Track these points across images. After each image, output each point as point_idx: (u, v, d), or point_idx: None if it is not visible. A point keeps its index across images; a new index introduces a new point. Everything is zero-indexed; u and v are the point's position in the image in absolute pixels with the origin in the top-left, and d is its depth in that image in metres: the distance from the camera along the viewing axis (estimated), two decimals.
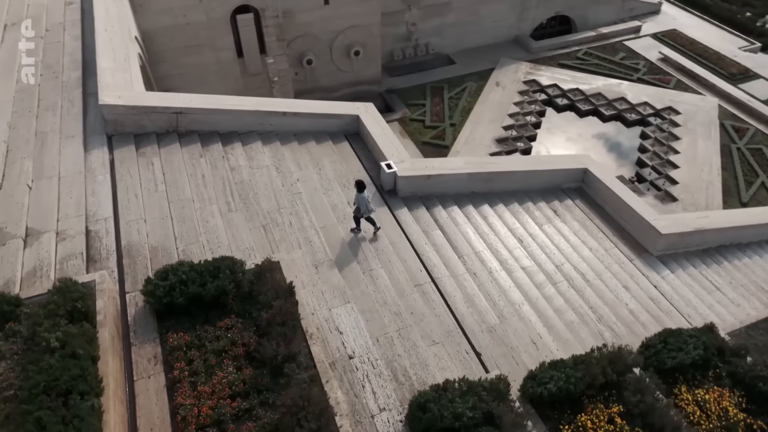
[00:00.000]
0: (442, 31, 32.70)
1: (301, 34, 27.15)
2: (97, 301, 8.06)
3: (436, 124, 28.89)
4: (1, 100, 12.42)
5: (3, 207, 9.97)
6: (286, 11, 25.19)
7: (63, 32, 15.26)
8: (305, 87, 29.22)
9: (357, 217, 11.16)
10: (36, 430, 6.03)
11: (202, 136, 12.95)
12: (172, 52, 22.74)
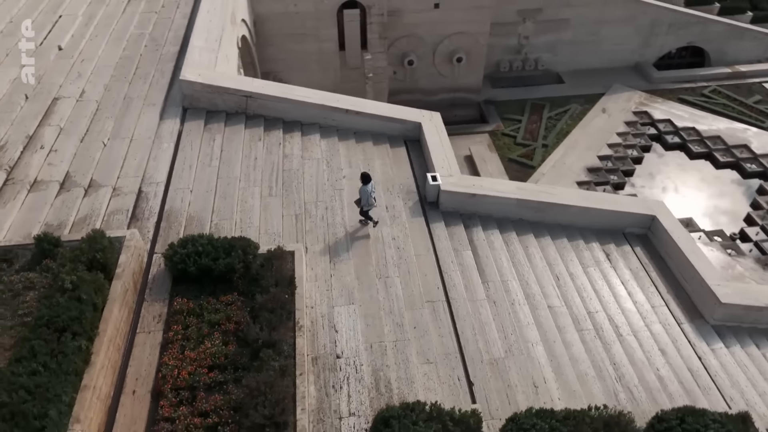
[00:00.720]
0: (555, 48, 31.50)
1: (407, 34, 27.51)
2: (121, 255, 8.98)
3: (528, 142, 28.04)
4: (106, 64, 14.04)
5: (78, 158, 11.36)
6: (393, 11, 25.66)
7: (176, 10, 16.83)
8: (403, 87, 29.62)
9: (363, 210, 11.29)
10: (29, 355, 6.92)
11: (267, 121, 13.74)
12: (280, 37, 24.11)
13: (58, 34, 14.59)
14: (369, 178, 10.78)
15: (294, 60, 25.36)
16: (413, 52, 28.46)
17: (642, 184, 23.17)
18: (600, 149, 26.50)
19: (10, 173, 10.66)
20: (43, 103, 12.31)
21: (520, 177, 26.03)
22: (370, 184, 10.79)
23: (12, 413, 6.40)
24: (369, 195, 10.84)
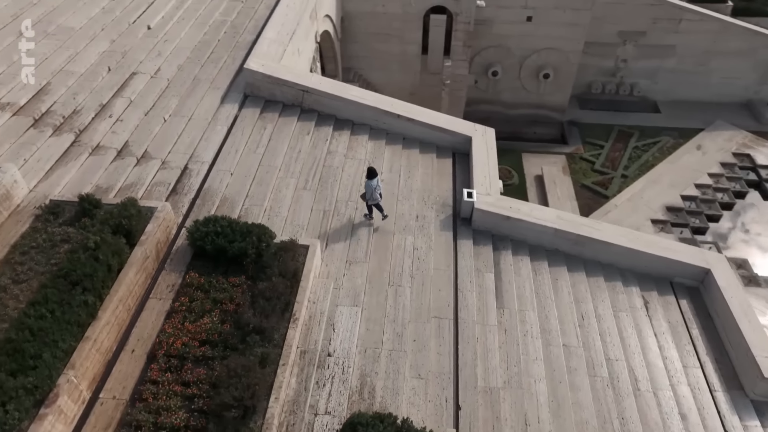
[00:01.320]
0: (655, 75, 29.71)
1: (494, 44, 27.09)
2: (149, 225, 9.73)
3: (606, 170, 26.74)
4: (185, 46, 15.13)
5: (139, 130, 12.38)
6: (482, 20, 25.38)
7: (261, 1, 17.73)
8: (484, 97, 29.21)
9: (367, 204, 11.45)
10: (42, 301, 7.74)
11: (320, 117, 14.18)
12: (365, 35, 24.63)
13: (151, 14, 15.92)
14: (375, 172, 11.01)
15: (376, 59, 25.80)
16: (499, 63, 27.95)
17: (726, 233, 21.32)
18: (685, 188, 24.76)
19: (78, 136, 11.84)
20: (121, 76, 13.53)
21: (589, 205, 24.91)
22: (375, 179, 11.01)
23: (14, 350, 7.21)
24: (373, 189, 11.03)
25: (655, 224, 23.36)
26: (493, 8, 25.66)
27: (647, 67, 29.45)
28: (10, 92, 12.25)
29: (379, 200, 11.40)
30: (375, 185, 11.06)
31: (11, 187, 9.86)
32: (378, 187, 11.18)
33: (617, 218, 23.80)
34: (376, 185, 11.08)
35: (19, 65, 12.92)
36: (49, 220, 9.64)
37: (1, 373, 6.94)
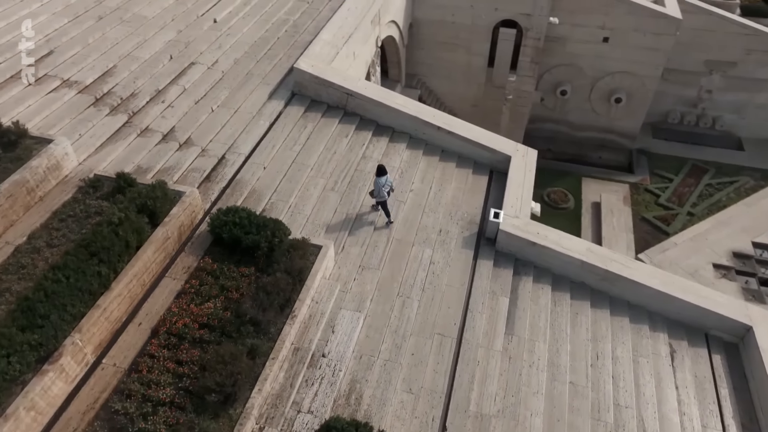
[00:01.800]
0: (743, 110, 27.86)
1: (566, 63, 26.30)
2: (175, 208, 10.30)
3: (672, 205, 25.33)
4: (245, 41, 15.82)
5: (186, 118, 13.10)
6: (555, 37, 24.73)
7: (327, 3, 18.21)
8: (550, 116, 28.43)
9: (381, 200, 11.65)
10: (61, 266, 8.42)
11: (361, 121, 14.39)
12: (431, 43, 24.66)
13: (219, 9, 16.77)
14: (384, 170, 11.24)
15: (440, 67, 25.75)
16: (569, 82, 27.09)
17: None
18: (759, 235, 23.04)
19: (130, 118, 12.70)
20: (180, 65, 14.37)
21: (647, 240, 23.66)
22: (384, 177, 11.16)
23: (28, 308, 7.90)
24: (381, 187, 11.16)
25: (717, 269, 21.86)
26: (568, 26, 24.91)
27: (734, 101, 27.60)
28: (80, 71, 13.34)
29: (385, 198, 11.54)
30: (383, 183, 11.24)
31: (62, 158, 10.75)
32: (386, 185, 11.33)
33: (675, 257, 22.48)
34: (384, 183, 11.25)
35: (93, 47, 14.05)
36: (89, 192, 10.43)
37: (12, 328, 7.62)
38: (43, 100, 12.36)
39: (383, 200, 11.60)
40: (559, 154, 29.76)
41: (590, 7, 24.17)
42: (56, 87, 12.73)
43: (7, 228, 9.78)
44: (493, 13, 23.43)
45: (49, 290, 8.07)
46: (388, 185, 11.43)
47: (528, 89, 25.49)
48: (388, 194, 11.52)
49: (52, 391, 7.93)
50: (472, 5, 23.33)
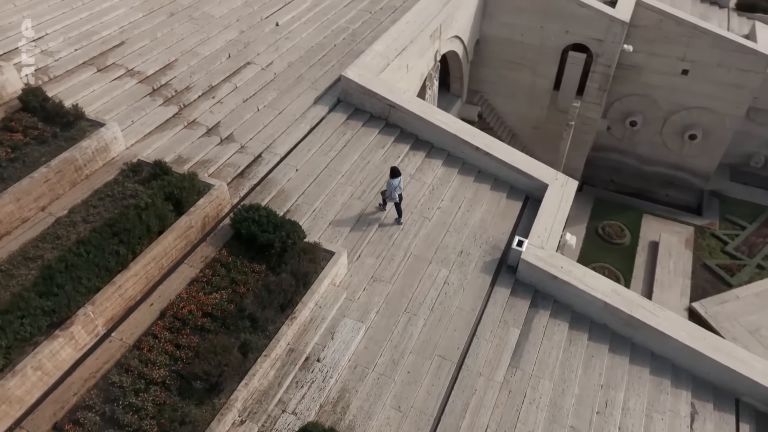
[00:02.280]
0: None
1: (639, 93, 25.19)
2: (202, 199, 10.84)
3: (740, 255, 23.69)
4: (302, 46, 16.35)
5: (232, 114, 13.72)
6: (629, 65, 23.81)
7: (389, 14, 18.47)
8: (616, 146, 27.32)
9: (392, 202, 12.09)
10: (85, 241, 9.10)
11: (401, 134, 14.48)
12: (497, 61, 24.38)
13: (283, 13, 17.43)
14: (398, 173, 11.62)
15: (504, 86, 25.37)
16: (641, 113, 25.89)
17: None
18: None
19: (181, 110, 13.49)
20: (236, 64, 15.08)
21: (705, 289, 22.18)
22: (397, 179, 11.58)
23: (49, 276, 8.59)
24: (393, 189, 11.60)
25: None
26: (644, 55, 23.85)
27: None
28: (143, 63, 14.32)
29: (396, 200, 11.85)
30: (396, 185, 11.60)
31: (111, 142, 11.60)
32: (398, 188, 11.69)
33: (734, 311, 20.92)
34: (396, 185, 11.61)
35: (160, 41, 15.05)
36: (129, 176, 11.18)
37: (32, 292, 8.32)
38: (107, 86, 13.38)
39: (394, 201, 11.95)
40: (622, 186, 28.44)
41: (671, 37, 23.00)
42: (120, 75, 13.75)
43: (53, 200, 10.67)
44: (563, 36, 22.81)
45: (70, 262, 8.74)
46: (400, 188, 11.71)
47: (593, 116, 24.57)
48: (400, 197, 11.87)
49: (60, 356, 8.57)
50: (542, 26, 22.83)
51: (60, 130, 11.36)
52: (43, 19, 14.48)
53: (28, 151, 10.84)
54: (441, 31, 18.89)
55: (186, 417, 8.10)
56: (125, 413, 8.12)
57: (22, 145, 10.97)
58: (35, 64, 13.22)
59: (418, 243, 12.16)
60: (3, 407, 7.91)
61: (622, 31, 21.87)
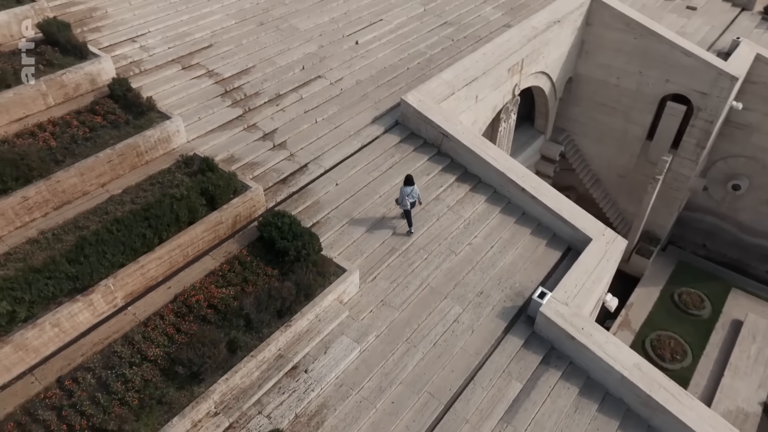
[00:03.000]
0: None
1: (747, 155, 23.06)
2: (236, 198, 11.58)
3: None
4: (375, 65, 16.84)
5: (290, 123, 14.46)
6: (739, 124, 22.07)
7: (472, 43, 18.46)
8: (714, 209, 25.10)
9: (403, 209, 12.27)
10: (120, 219, 10.11)
11: (451, 164, 14.42)
12: (589, 102, 23.40)
13: (366, 33, 18.03)
14: (411, 181, 11.86)
15: (593, 128, 24.23)
16: (746, 177, 23.57)
17: None
18: None
19: (245, 113, 14.46)
20: (307, 76, 15.87)
21: None
22: (410, 187, 11.84)
23: (80, 245, 9.65)
24: (405, 196, 11.86)
25: None
26: (758, 114, 21.77)
27: None
28: (223, 65, 15.55)
29: (407, 207, 12.02)
30: (407, 192, 11.84)
31: (173, 134, 12.75)
32: (411, 195, 11.88)
33: None
34: (408, 193, 11.83)
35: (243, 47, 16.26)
36: (180, 167, 12.21)
37: (63, 258, 9.40)
38: (186, 83, 14.71)
39: (406, 209, 12.08)
40: (714, 253, 25.93)
41: None
42: (199, 75, 15.04)
43: (113, 179, 11.93)
44: (663, 85, 21.35)
45: (101, 237, 9.77)
46: (413, 196, 11.96)
47: (687, 173, 22.68)
48: (412, 205, 12.04)
49: (78, 318, 9.57)
50: (641, 71, 21.54)
51: (133, 118, 12.69)
52: (149, 18, 16.24)
53: (101, 133, 12.22)
54: (522, 66, 18.53)
55: (164, 397, 8.71)
56: (115, 382, 8.88)
57: (99, 127, 12.39)
58: (131, 57, 14.87)
59: (438, 276, 12.04)
60: (20, 353, 8.99)
61: (731, 86, 20.06)
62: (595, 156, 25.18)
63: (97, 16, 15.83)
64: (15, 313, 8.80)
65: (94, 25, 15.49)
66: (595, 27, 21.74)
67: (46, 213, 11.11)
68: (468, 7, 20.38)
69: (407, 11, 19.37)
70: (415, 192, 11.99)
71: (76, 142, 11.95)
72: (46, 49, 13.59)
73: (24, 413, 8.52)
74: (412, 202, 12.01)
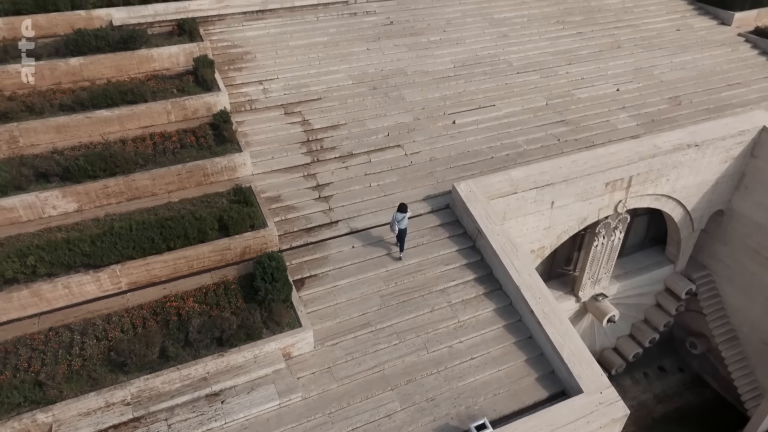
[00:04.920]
0: None
1: None
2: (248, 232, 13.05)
3: None
4: (457, 148, 16.96)
5: (346, 181, 15.50)
6: None
7: (577, 148, 17.34)
8: None
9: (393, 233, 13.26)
10: (142, 222, 12.34)
11: (480, 262, 13.84)
12: (739, 244, 20.02)
13: (470, 114, 18.14)
14: (405, 209, 12.75)
15: (740, 276, 20.30)
16: None
17: None
18: None
19: (311, 162, 15.85)
20: (386, 143, 16.69)
21: None
22: (401, 214, 12.71)
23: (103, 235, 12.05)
24: (395, 221, 12.78)
25: None
26: None
27: None
28: (319, 118, 17.40)
29: (395, 232, 12.96)
30: (398, 218, 12.72)
31: (239, 165, 14.91)
32: (401, 222, 12.76)
33: None
34: (399, 219, 12.72)
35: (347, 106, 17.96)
36: (229, 194, 14.16)
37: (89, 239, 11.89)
38: (279, 126, 16.90)
39: (395, 234, 13.01)
40: None
41: None
42: (294, 122, 17.08)
43: (179, 189, 14.47)
44: None
45: (120, 231, 12.06)
46: (403, 224, 12.82)
47: None
48: (401, 232, 12.96)
49: (85, 288, 11.95)
50: None
51: (215, 144, 15.21)
52: (284, 67, 19.05)
53: (187, 150, 14.96)
54: (630, 183, 16.70)
55: (95, 372, 10.38)
56: (78, 345, 10.89)
57: (189, 145, 15.16)
58: (251, 96, 17.70)
59: (397, 365, 11.75)
60: (35, 299, 11.63)
61: None
62: (737, 309, 20.83)
63: (246, 58, 19.19)
64: (36, 268, 11.45)
65: (239, 65, 18.82)
66: (762, 161, 18.36)
67: (119, 202, 14.07)
68: (598, 110, 19.15)
69: (526, 102, 19.07)
70: (405, 221, 12.80)
71: (164, 153, 14.83)
72: (188, 78, 17.12)
73: (11, 344, 10.98)
74: (401, 229, 12.87)
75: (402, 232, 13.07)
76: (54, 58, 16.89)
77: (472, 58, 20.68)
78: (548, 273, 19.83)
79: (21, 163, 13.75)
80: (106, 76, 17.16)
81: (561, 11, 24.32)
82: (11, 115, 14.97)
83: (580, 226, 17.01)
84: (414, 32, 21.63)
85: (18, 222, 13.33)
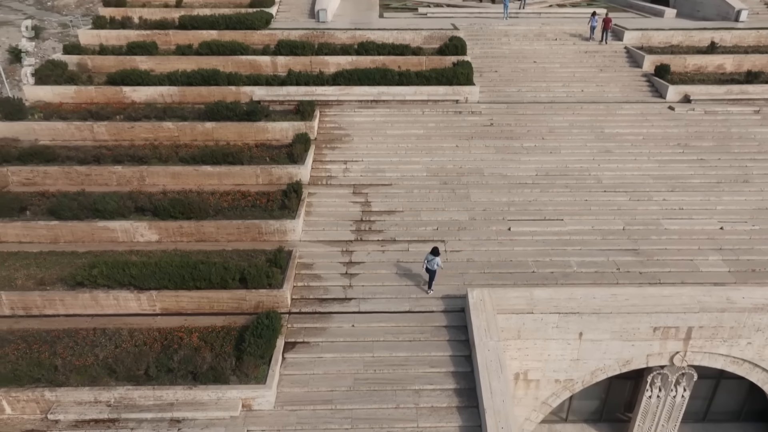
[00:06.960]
0: None
1: None
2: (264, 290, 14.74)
3: None
4: (502, 254, 16.68)
5: (376, 264, 16.39)
6: None
7: (645, 282, 15.79)
8: None
9: None
10: (179, 261, 14.88)
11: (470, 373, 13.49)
12: None
13: (531, 224, 17.68)
14: (437, 252, 14.68)
15: None
16: None
17: None
18: None
19: (354, 240, 17.12)
20: (431, 236, 17.11)
21: None
22: (432, 256, 14.66)
23: (145, 265, 14.81)
24: (426, 261, 14.86)
25: None
26: None
27: None
28: (381, 202, 18.70)
29: (425, 269, 15.02)
30: (429, 259, 14.75)
31: (289, 230, 17.03)
32: (430, 263, 14.77)
33: None
34: (430, 259, 14.73)
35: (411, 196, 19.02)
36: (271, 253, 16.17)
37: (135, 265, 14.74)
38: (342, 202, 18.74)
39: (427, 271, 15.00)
40: None
41: None
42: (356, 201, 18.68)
43: (237, 240, 17.04)
44: None
45: (162, 265, 14.71)
46: (433, 265, 14.73)
47: None
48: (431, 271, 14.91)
49: (129, 304, 14.78)
50: None
51: (277, 209, 17.55)
52: (371, 152, 21.11)
53: (254, 209, 17.53)
54: (690, 336, 14.57)
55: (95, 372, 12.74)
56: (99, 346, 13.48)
57: (257, 206, 17.91)
58: (331, 172, 19.97)
59: None
60: (92, 302, 14.74)
61: None
62: None
63: (344, 140, 21.67)
64: (97, 279, 14.57)
65: (335, 145, 21.33)
66: None
67: (189, 241, 17.06)
68: (684, 246, 17.13)
69: (599, 222, 17.98)
70: (434, 264, 14.70)
71: (236, 208, 17.58)
72: (287, 150, 20.04)
73: (62, 332, 14.02)
74: (430, 269, 14.84)
75: (431, 273, 15.02)
76: (196, 120, 21.35)
77: (560, 169, 20.26)
78: (600, 413, 17.72)
79: (128, 197, 17.62)
80: (229, 140, 21.03)
81: (688, 134, 22.39)
82: (146, 160, 19.32)
83: (621, 369, 15.19)
84: (510, 136, 22.02)
85: (116, 241, 17.03)
